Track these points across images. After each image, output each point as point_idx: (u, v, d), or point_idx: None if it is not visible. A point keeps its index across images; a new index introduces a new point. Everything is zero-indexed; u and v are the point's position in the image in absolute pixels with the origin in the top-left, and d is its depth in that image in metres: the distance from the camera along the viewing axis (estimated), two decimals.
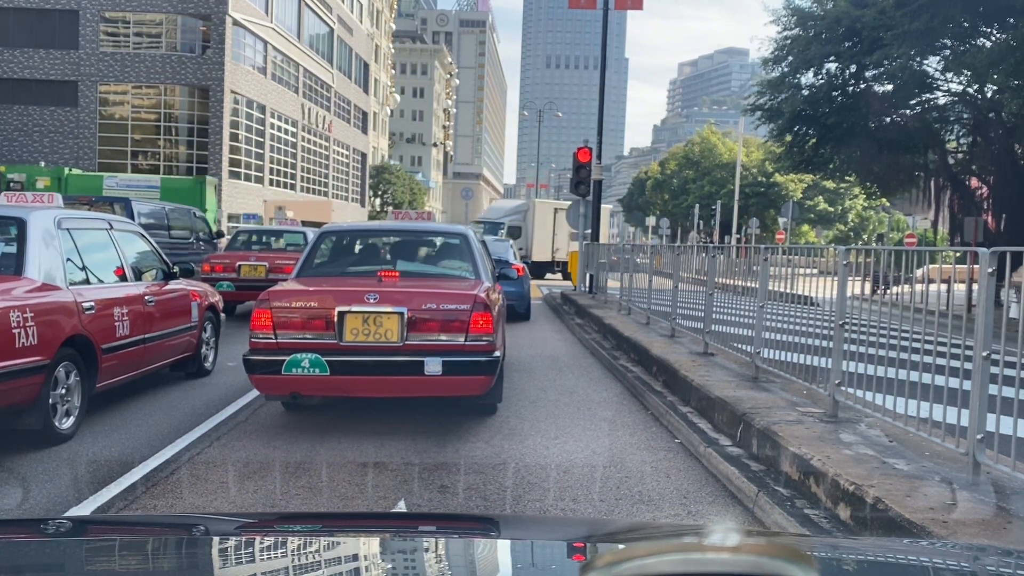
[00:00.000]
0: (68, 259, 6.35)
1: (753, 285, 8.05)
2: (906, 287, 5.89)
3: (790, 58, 21.46)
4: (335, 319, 6.15)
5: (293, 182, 52.84)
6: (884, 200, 35.53)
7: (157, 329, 7.48)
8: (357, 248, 8.32)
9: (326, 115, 58.84)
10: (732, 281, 9.29)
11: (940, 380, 5.07)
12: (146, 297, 7.34)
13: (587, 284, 20.35)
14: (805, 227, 59.13)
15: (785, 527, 4.41)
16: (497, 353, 6.44)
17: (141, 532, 1.87)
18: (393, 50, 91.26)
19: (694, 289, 10.56)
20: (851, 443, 5.20)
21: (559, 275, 32.56)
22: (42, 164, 31.09)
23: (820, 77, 21.59)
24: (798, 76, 21.87)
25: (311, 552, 1.65)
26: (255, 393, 7.29)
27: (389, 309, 6.17)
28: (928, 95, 21.54)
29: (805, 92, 21.69)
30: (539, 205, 31.22)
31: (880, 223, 60.26)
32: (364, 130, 71.33)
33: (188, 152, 43.26)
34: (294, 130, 52.75)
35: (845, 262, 6.15)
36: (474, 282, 7.05)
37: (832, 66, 21.14)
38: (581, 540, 1.83)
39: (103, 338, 6.44)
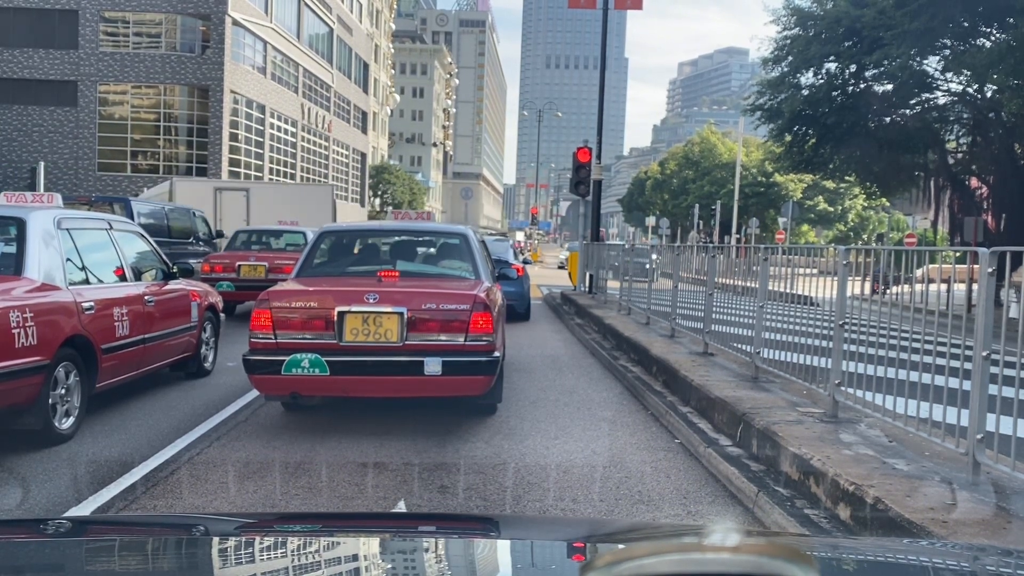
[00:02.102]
0: (68, 259, 6.34)
1: (753, 285, 8.05)
2: (906, 287, 5.88)
3: (790, 58, 21.47)
4: (335, 319, 6.15)
5: (293, 182, 52.81)
6: (884, 200, 35.52)
7: (157, 329, 7.48)
8: (357, 248, 8.32)
9: (326, 115, 58.83)
10: (732, 281, 9.28)
11: (940, 380, 5.06)
12: (146, 297, 7.34)
13: (587, 284, 20.37)
14: (805, 227, 59.15)
15: (785, 527, 4.40)
16: (497, 353, 6.43)
17: (141, 532, 1.87)
18: (393, 50, 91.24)
19: (694, 289, 10.55)
20: (851, 443, 5.20)
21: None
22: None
23: (820, 77, 21.59)
24: (798, 76, 21.88)
25: (311, 552, 1.65)
26: (255, 393, 7.29)
27: (389, 309, 6.17)
28: (928, 95, 21.55)
29: (805, 92, 21.70)
30: (180, 184, 26.11)
31: (880, 223, 60.28)
32: (364, 130, 71.32)
33: (188, 152, 43.27)
34: (294, 130, 52.75)
35: (845, 262, 6.15)
36: (474, 282, 7.05)
37: (832, 66, 21.14)
38: (581, 540, 1.82)
39: (103, 338, 6.44)
